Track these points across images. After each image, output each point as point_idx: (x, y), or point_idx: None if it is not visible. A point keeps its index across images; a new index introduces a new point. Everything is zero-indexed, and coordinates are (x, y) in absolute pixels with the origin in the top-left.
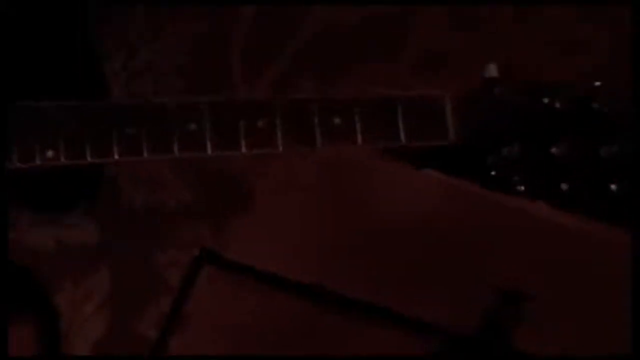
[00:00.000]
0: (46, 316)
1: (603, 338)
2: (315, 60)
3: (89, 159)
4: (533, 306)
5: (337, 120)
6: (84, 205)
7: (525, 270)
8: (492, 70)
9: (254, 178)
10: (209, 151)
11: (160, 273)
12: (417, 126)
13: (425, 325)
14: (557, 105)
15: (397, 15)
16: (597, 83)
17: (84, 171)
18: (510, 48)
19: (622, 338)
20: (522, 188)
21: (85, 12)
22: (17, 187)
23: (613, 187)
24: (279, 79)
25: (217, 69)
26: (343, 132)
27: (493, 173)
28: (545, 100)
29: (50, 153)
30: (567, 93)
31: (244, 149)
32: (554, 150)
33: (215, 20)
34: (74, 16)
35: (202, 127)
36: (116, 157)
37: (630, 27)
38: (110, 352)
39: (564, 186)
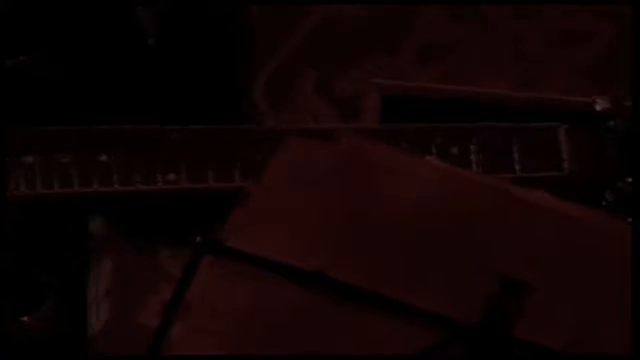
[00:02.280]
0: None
1: (606, 329)
2: (317, 53)
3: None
4: (535, 296)
5: (454, 150)
6: None
7: (528, 260)
8: (604, 103)
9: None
10: None
11: (162, 262)
12: (533, 158)
13: (426, 314)
14: None
15: (399, 8)
16: None
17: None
18: (511, 40)
19: (625, 329)
20: (630, 220)
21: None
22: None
23: None
24: (280, 71)
25: None
26: (458, 162)
27: (604, 204)
28: None
29: (172, 176)
30: None
31: None
32: None
33: None
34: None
35: None
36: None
37: (632, 20)
38: (112, 341)
39: None
